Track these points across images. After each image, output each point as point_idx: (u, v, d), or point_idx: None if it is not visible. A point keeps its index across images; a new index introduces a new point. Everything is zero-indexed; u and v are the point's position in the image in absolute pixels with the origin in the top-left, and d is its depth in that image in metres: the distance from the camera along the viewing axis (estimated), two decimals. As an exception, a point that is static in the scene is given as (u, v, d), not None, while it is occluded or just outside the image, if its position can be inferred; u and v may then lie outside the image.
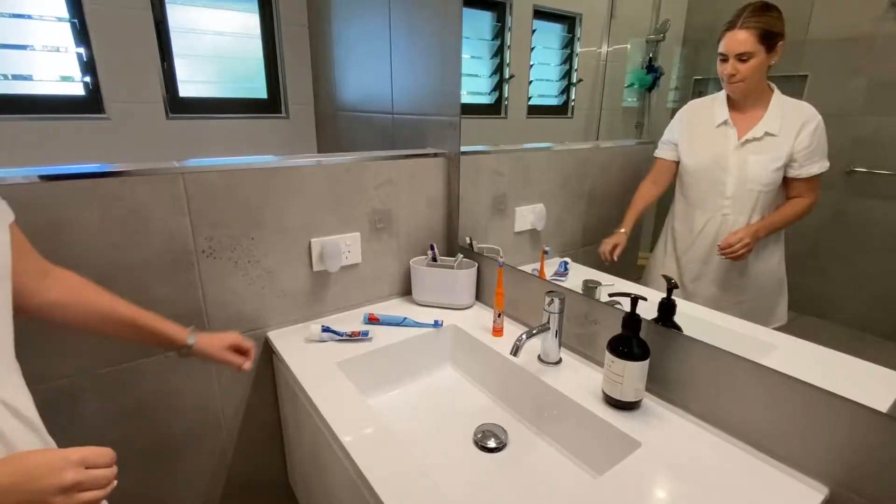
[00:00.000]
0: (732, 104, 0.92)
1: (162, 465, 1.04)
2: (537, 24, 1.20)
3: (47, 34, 1.50)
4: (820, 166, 0.82)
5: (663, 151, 1.02)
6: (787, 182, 0.86)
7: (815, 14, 0.74)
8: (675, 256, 1.00)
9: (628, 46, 1.04)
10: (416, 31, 1.30)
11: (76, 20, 1.51)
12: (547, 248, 1.05)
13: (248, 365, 0.89)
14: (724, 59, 0.89)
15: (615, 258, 1.06)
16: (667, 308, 0.85)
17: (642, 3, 0.99)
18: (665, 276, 0.85)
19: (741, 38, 0.85)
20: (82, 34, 1.52)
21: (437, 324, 1.13)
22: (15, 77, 1.49)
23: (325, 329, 1.06)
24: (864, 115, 0.70)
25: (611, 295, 0.88)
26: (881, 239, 0.70)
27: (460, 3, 1.13)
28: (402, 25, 1.35)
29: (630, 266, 1.04)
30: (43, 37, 1.50)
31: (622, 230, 1.07)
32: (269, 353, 1.11)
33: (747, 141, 0.89)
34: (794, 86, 0.77)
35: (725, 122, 0.91)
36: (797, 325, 0.79)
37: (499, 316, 1.08)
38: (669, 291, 0.84)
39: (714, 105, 0.94)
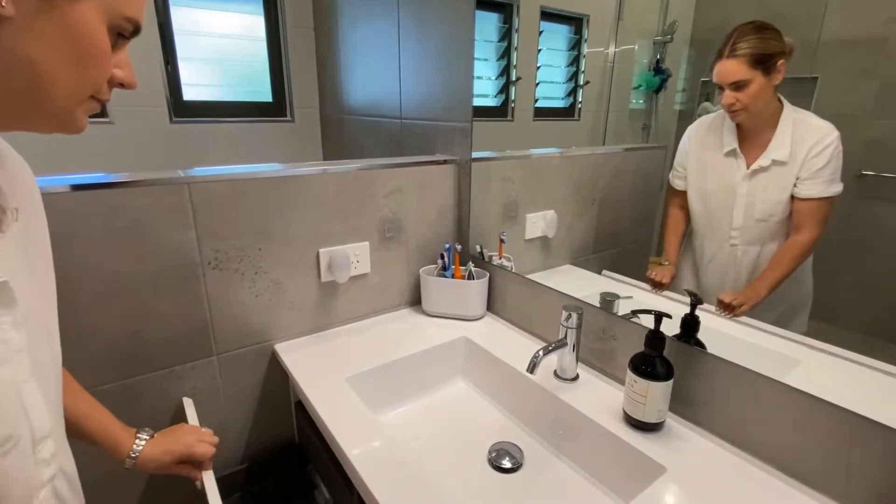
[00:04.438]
0: (741, 128, 0.86)
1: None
2: (544, 25, 1.19)
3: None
4: (825, 189, 0.75)
5: (677, 180, 0.97)
6: (791, 206, 0.80)
7: (828, 16, 0.72)
8: (695, 273, 0.95)
9: (636, 48, 1.03)
10: (426, 34, 1.27)
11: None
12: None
13: (200, 478, 0.77)
14: (721, 89, 0.84)
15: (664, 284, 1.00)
16: (690, 325, 0.82)
17: (650, 4, 0.98)
18: (688, 291, 0.81)
19: (730, 69, 0.81)
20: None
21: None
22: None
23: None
24: (876, 119, 0.69)
25: (634, 312, 0.85)
26: (891, 243, 0.69)
27: (473, 7, 1.11)
28: (411, 29, 1.32)
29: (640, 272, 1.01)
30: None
31: (666, 263, 1.00)
32: (276, 366, 1.08)
33: (755, 171, 0.84)
34: (804, 88, 0.75)
35: (734, 152, 0.87)
36: (807, 332, 0.77)
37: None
38: (693, 307, 0.81)
39: (723, 128, 0.88)
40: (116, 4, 0.43)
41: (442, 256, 1.23)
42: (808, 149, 0.77)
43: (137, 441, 0.73)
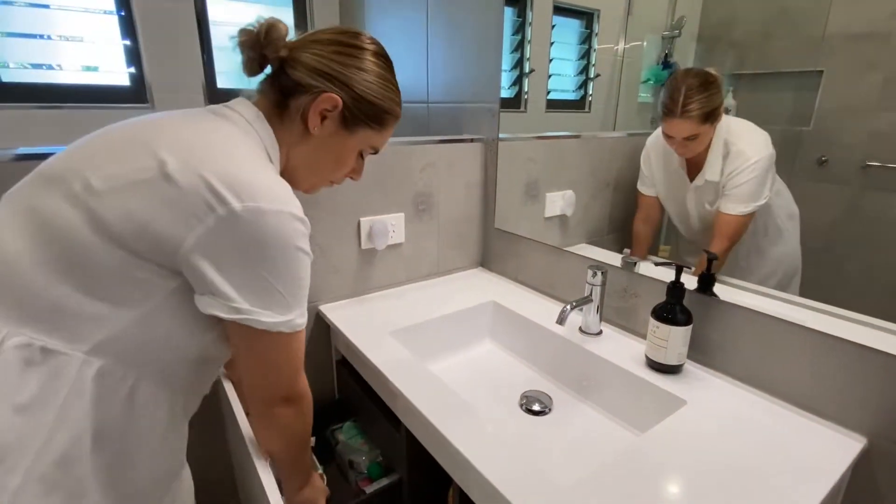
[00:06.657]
0: None
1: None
2: (557, 19, 1.24)
3: (98, 27, 1.57)
4: (735, 207, 0.85)
5: (644, 186, 1.05)
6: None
7: (834, 10, 0.75)
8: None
9: (644, 43, 1.06)
10: (456, 21, 1.35)
11: (123, 12, 1.57)
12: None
13: None
14: (671, 137, 0.92)
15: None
16: (706, 280, 0.90)
17: (659, -1, 1.02)
18: (706, 251, 0.90)
19: (682, 128, 0.88)
20: (129, 27, 1.58)
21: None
22: (87, 69, 1.59)
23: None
24: (880, 111, 0.72)
25: (656, 265, 0.93)
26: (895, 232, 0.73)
27: (502, -5, 1.18)
28: (441, 18, 1.40)
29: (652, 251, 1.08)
30: (93, 29, 1.57)
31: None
32: (321, 327, 1.17)
33: (696, 186, 0.94)
34: (810, 82, 0.78)
35: (680, 165, 0.96)
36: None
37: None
38: (710, 264, 0.89)
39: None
40: (372, 140, 0.69)
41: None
42: (731, 169, 0.86)
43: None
